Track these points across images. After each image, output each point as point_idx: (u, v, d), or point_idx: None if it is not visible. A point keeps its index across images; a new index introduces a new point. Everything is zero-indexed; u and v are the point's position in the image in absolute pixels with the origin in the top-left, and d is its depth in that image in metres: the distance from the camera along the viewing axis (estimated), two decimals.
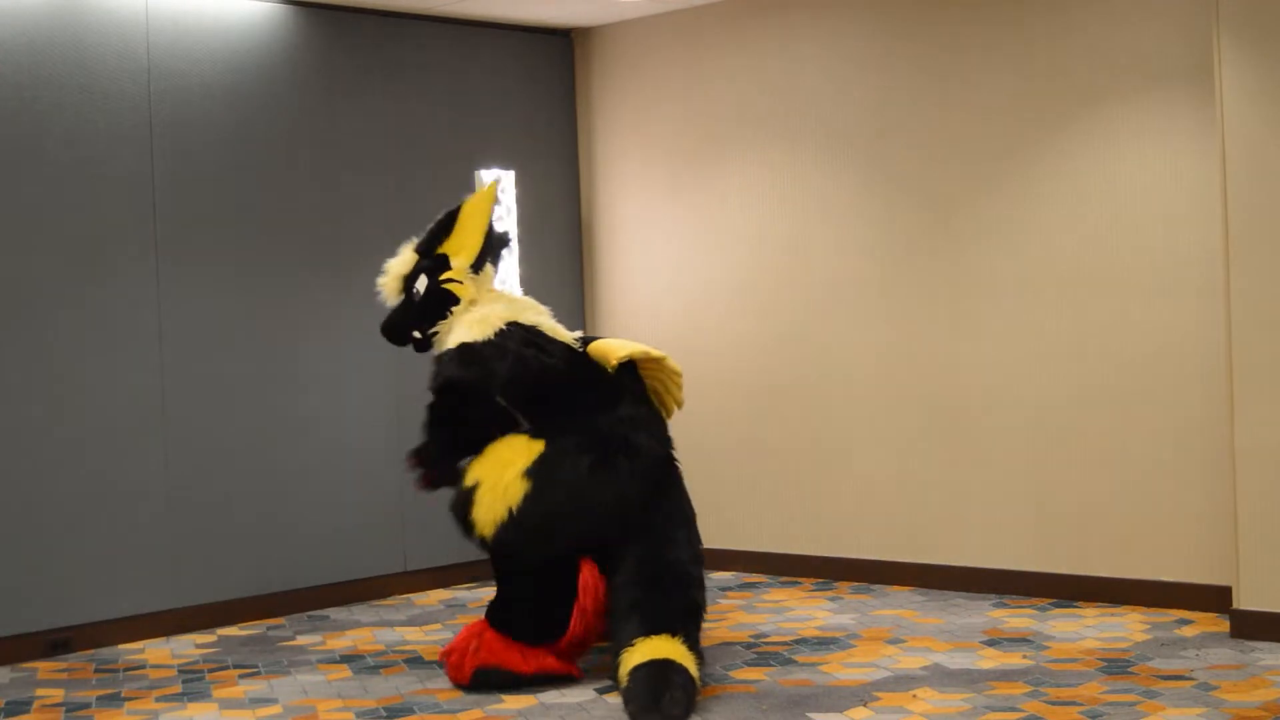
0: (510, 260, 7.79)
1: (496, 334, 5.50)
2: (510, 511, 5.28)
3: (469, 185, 7.68)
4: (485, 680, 5.36)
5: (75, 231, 6.38)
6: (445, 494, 7.64)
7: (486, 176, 7.70)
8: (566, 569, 5.39)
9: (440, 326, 5.70)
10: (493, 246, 5.85)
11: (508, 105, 7.95)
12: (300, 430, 7.08)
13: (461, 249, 5.73)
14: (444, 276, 5.69)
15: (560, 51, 8.21)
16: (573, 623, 5.35)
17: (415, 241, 5.85)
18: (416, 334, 5.77)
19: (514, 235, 7.80)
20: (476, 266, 5.74)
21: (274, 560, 6.97)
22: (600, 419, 5.48)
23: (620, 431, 5.46)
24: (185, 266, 6.71)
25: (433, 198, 7.60)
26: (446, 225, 5.79)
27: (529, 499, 5.29)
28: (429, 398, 5.68)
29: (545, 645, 5.40)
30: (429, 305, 5.70)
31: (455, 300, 5.68)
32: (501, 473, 5.34)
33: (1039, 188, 6.63)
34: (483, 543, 5.43)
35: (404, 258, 5.81)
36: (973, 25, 6.81)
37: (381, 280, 5.84)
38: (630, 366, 5.64)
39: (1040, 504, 6.67)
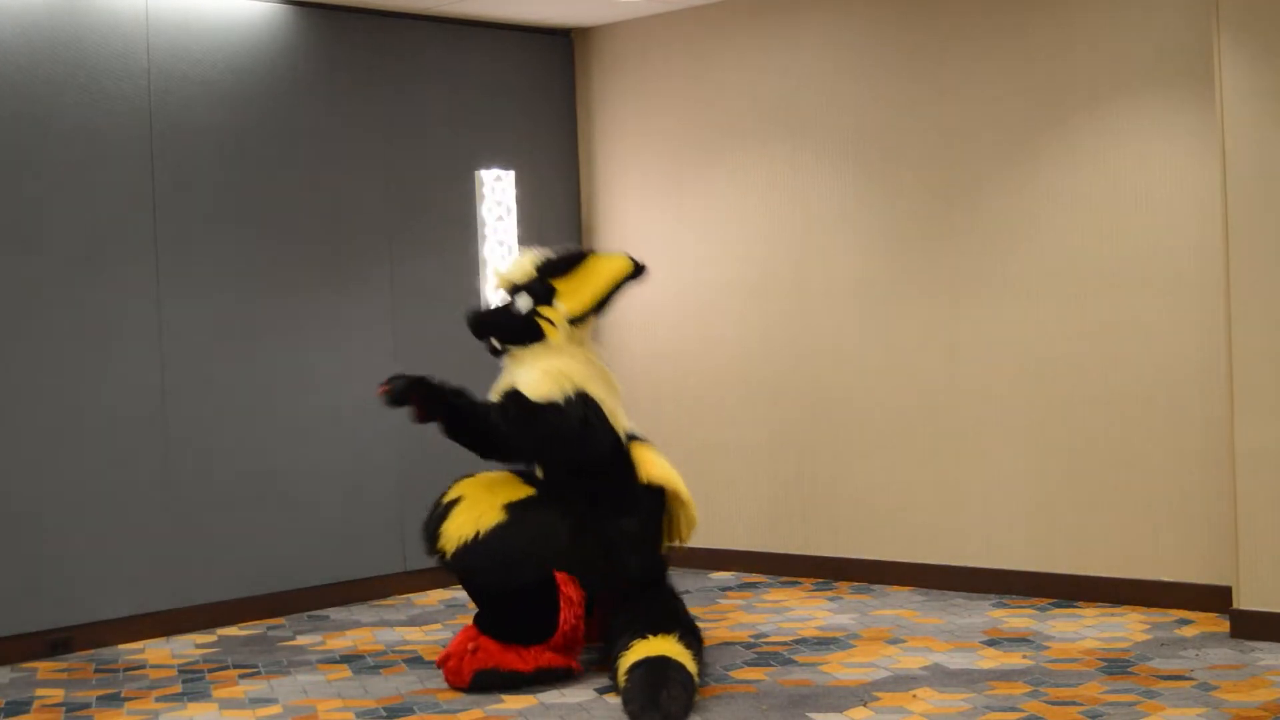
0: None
1: (564, 399, 5.48)
2: (477, 534, 5.32)
3: (469, 185, 7.69)
4: (485, 683, 5.36)
5: (75, 231, 6.38)
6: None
7: (487, 176, 7.70)
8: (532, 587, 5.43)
9: (516, 351, 5.67)
10: (600, 310, 5.81)
11: (508, 105, 7.95)
12: (300, 430, 7.08)
13: (574, 295, 5.67)
14: (544, 311, 5.65)
15: (560, 51, 8.21)
16: (562, 615, 5.37)
17: (541, 256, 5.78)
18: (495, 342, 5.73)
19: (514, 234, 7.82)
20: (576, 321, 5.70)
21: (274, 560, 6.97)
22: (606, 513, 5.54)
23: (611, 536, 5.52)
24: (185, 266, 6.71)
25: (433, 198, 7.62)
26: (574, 263, 5.73)
27: (499, 529, 5.33)
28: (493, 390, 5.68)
29: (541, 644, 5.40)
30: (518, 326, 5.66)
31: (541, 337, 5.65)
32: (483, 496, 5.39)
33: (1040, 187, 6.63)
34: (442, 559, 5.45)
35: (524, 266, 5.75)
36: (973, 24, 6.81)
37: (496, 270, 5.84)
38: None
39: (1040, 504, 6.67)
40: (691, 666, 5.13)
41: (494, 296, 5.81)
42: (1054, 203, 6.59)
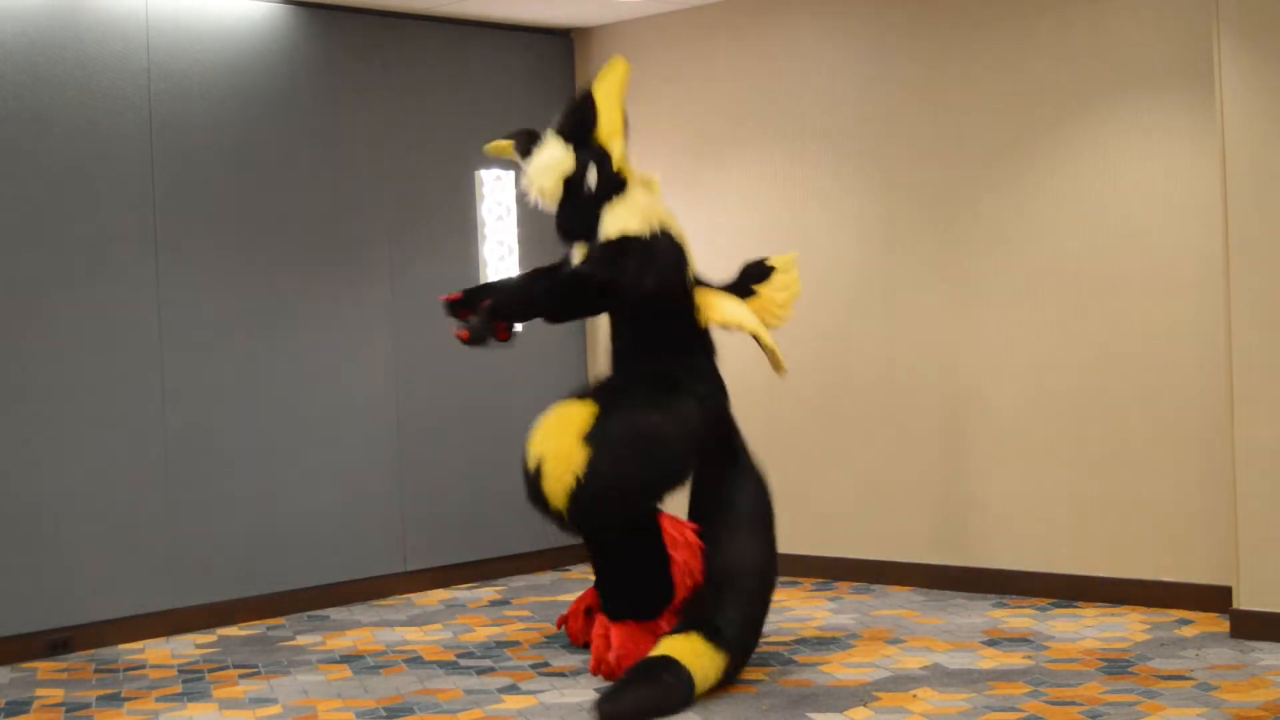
0: (510, 262, 7.80)
1: (651, 234, 5.47)
2: (577, 479, 5.12)
3: (469, 185, 7.68)
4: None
5: (75, 231, 6.38)
6: (444, 496, 7.64)
7: (486, 176, 7.69)
8: (649, 532, 5.39)
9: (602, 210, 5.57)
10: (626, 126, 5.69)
11: (508, 105, 7.95)
12: (300, 430, 7.07)
13: (613, 135, 5.56)
14: (616, 167, 5.56)
15: (560, 51, 8.21)
16: (677, 580, 5.35)
17: (556, 135, 5.61)
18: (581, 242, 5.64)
19: (514, 234, 7.82)
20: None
21: (274, 560, 6.97)
22: (670, 360, 5.56)
23: (685, 377, 5.53)
24: (185, 266, 6.71)
25: (433, 197, 7.62)
26: (589, 112, 5.57)
27: (594, 462, 5.13)
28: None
29: (666, 612, 5.39)
30: (604, 195, 5.55)
31: (624, 187, 5.58)
32: (560, 442, 5.19)
33: (1040, 187, 6.63)
34: (560, 519, 5.24)
35: (559, 155, 5.57)
36: (974, 24, 6.81)
37: (537, 181, 5.63)
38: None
39: (1040, 504, 6.67)
40: (699, 670, 5.05)
41: (549, 201, 5.61)
42: (1054, 204, 6.59)
